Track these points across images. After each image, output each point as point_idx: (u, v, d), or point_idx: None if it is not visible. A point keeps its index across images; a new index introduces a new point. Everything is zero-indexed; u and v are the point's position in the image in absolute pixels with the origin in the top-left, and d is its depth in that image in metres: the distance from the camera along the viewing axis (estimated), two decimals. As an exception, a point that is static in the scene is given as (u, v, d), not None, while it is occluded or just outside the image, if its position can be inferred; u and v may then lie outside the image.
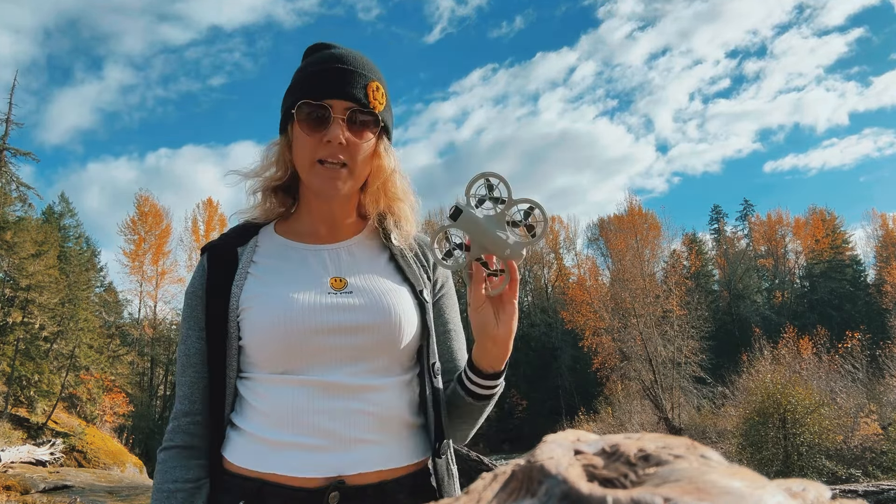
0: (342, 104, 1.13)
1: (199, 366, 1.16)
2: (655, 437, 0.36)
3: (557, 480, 0.31)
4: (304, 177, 1.18)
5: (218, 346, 1.14)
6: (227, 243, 1.23)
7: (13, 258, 21.69)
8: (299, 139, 1.15)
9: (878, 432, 15.84)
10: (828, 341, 23.97)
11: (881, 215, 46.29)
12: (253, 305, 1.12)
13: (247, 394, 1.13)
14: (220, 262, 1.20)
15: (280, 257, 1.21)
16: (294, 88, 1.18)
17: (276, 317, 1.09)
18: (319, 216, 1.24)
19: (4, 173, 23.49)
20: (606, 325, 31.43)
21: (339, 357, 1.10)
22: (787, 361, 19.25)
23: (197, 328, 1.17)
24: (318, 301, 1.12)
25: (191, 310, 1.19)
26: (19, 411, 20.49)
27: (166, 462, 1.15)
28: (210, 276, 1.18)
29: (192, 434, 1.16)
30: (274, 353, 1.10)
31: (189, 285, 1.22)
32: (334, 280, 1.16)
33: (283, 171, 1.22)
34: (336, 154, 1.13)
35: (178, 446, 1.16)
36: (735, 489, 0.28)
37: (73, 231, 31.38)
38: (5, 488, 12.14)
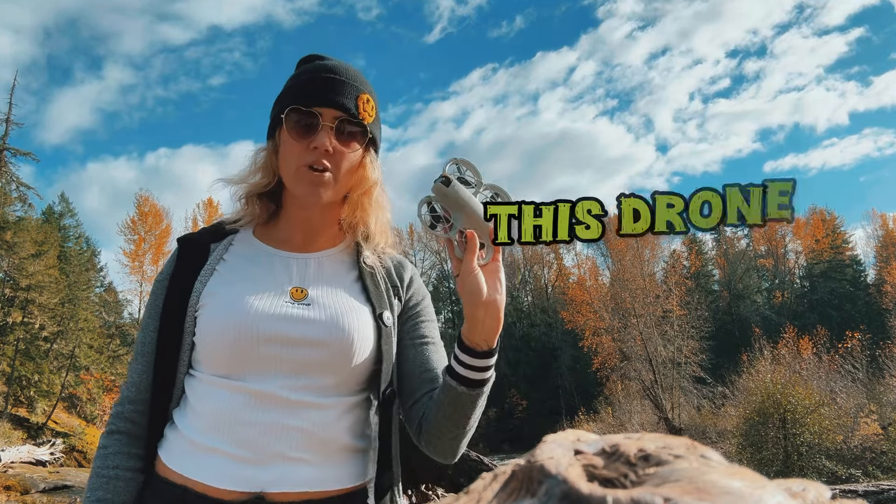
0: (331, 113, 1.14)
1: (151, 355, 1.15)
2: (655, 437, 0.36)
3: (557, 480, 0.31)
4: (288, 182, 1.17)
5: (171, 339, 1.13)
6: (202, 238, 1.22)
7: (13, 258, 21.69)
8: (286, 144, 1.15)
9: (878, 432, 15.85)
10: (828, 341, 23.97)
11: (881, 215, 46.32)
12: (208, 303, 1.12)
13: (189, 392, 1.12)
14: (190, 255, 1.19)
15: (248, 259, 1.20)
16: (284, 95, 1.19)
17: (227, 318, 1.08)
18: (297, 223, 1.23)
19: (4, 173, 23.49)
20: (606, 325, 31.44)
21: (281, 368, 1.07)
22: (787, 361, 19.25)
23: (156, 317, 1.16)
24: (273, 309, 1.10)
25: (154, 298, 1.18)
26: (19, 411, 20.49)
27: (108, 447, 1.14)
28: (177, 267, 1.18)
29: (134, 422, 1.15)
30: (219, 355, 1.08)
31: (158, 273, 1.22)
32: (295, 290, 1.15)
33: (269, 178, 1.21)
34: (321, 161, 1.13)
35: (121, 432, 1.15)
36: (735, 489, 0.28)
37: (73, 231, 31.39)
38: (5, 488, 12.14)
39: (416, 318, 1.27)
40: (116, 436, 1.14)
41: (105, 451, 1.13)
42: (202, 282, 1.14)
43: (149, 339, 1.16)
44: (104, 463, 1.12)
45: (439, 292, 47.74)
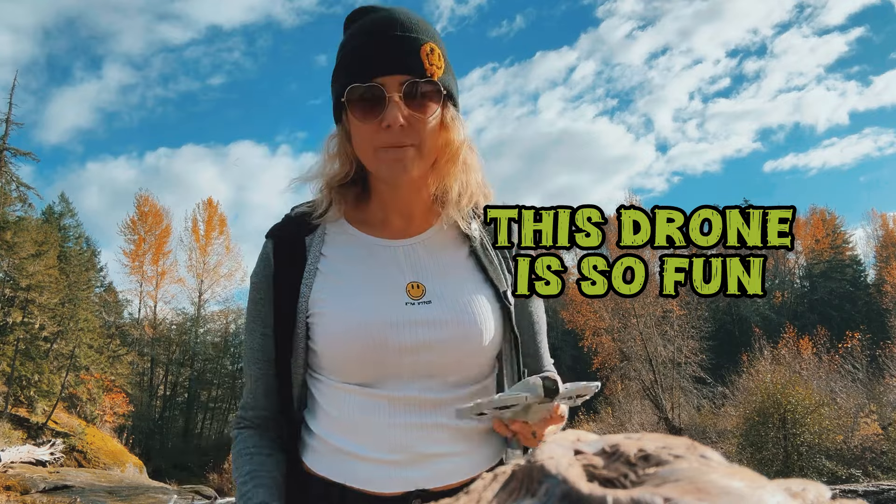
0: (396, 79, 1.01)
1: (262, 362, 1.11)
2: (655, 437, 0.36)
3: (557, 480, 0.31)
4: (370, 166, 1.07)
5: (284, 345, 1.09)
6: (294, 231, 1.13)
7: (13, 258, 21.70)
8: (356, 128, 1.04)
9: (878, 432, 15.85)
10: (828, 341, 23.94)
11: (881, 215, 46.32)
12: (325, 310, 1.05)
13: (321, 398, 1.09)
14: (286, 253, 1.10)
15: (351, 253, 1.11)
16: (339, 71, 1.06)
17: (351, 328, 1.03)
18: (392, 205, 1.13)
19: (4, 173, 23.49)
20: (606, 325, 31.44)
21: (416, 373, 1.05)
22: (787, 361, 19.25)
23: (261, 324, 1.11)
24: (397, 313, 1.04)
25: (254, 303, 1.12)
26: (19, 411, 20.49)
27: (239, 438, 1.13)
28: (277, 268, 1.10)
29: (259, 426, 1.15)
30: (348, 365, 1.05)
31: (253, 274, 1.14)
32: (412, 286, 1.07)
33: (348, 165, 1.10)
34: (398, 139, 1.01)
35: (249, 427, 1.15)
36: (735, 489, 0.28)
37: (73, 231, 31.39)
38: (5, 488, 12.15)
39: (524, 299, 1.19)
40: (247, 430, 1.14)
41: (239, 440, 1.13)
42: (307, 285, 1.07)
43: (258, 344, 1.12)
44: (242, 447, 1.11)
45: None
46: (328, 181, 1.11)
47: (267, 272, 1.11)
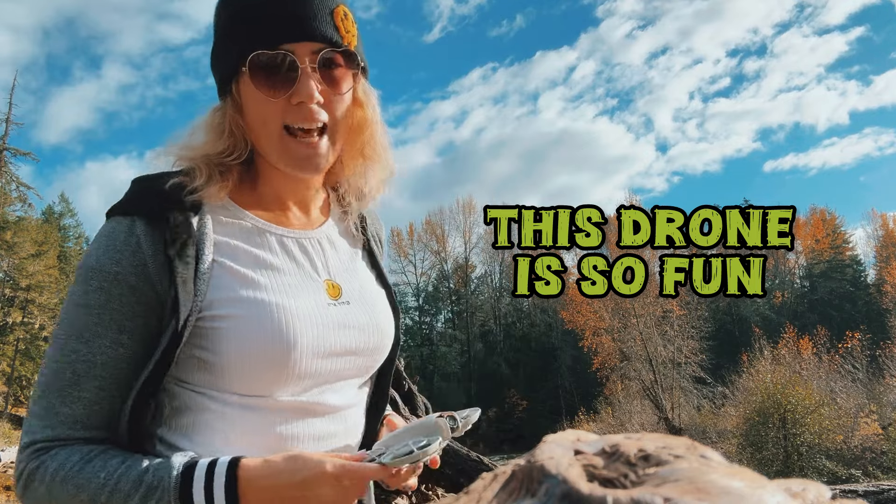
0: (308, 47, 0.86)
1: (106, 379, 0.82)
2: (655, 437, 0.36)
3: (557, 480, 0.31)
4: (268, 151, 0.90)
5: (143, 357, 0.84)
6: (175, 210, 0.86)
7: (13, 258, 21.71)
8: (255, 102, 0.87)
9: (878, 432, 15.85)
10: (828, 341, 23.95)
11: (881, 215, 46.32)
12: (237, 313, 0.85)
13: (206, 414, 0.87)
14: (168, 238, 0.84)
15: (255, 244, 0.91)
16: (235, 32, 0.88)
17: (274, 337, 0.85)
18: (289, 195, 0.98)
19: (4, 173, 23.50)
20: (606, 325, 31.44)
21: (327, 379, 0.92)
22: (787, 361, 19.26)
23: (114, 329, 0.82)
24: (322, 316, 0.90)
25: (106, 300, 0.82)
26: (19, 411, 20.49)
27: (62, 453, 0.79)
28: (154, 256, 0.83)
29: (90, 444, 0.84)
30: (259, 377, 0.86)
31: (106, 261, 0.83)
32: (329, 285, 0.95)
33: (233, 145, 0.91)
34: (312, 116, 0.87)
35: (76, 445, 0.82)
36: (735, 489, 0.28)
37: (73, 231, 31.40)
38: (5, 488, 12.14)
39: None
40: (72, 447, 0.81)
41: (61, 457, 0.79)
42: (204, 280, 0.84)
43: (104, 357, 0.82)
44: (78, 458, 0.79)
45: (439, 292, 47.74)
46: (207, 159, 0.90)
47: (136, 261, 0.82)
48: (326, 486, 0.78)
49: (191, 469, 0.77)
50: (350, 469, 0.78)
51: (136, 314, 0.83)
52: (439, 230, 46.99)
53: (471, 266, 47.44)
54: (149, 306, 0.84)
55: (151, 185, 0.88)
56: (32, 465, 0.79)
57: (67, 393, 0.81)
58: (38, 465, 0.79)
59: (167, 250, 0.84)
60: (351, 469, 0.78)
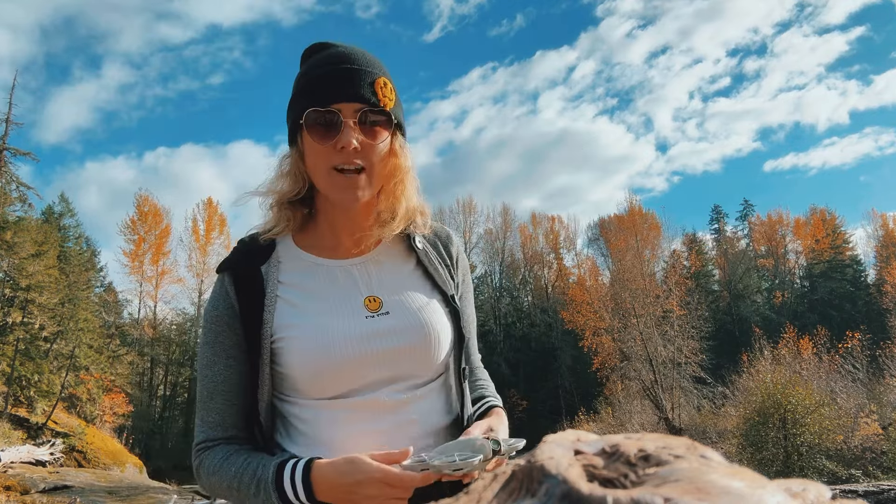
0: (351, 107, 1.10)
1: (228, 393, 1.15)
2: (655, 437, 0.36)
3: (557, 480, 0.31)
4: (321, 187, 1.14)
5: (251, 372, 1.13)
6: (248, 262, 1.17)
7: (13, 258, 21.70)
8: (311, 148, 1.12)
9: (878, 432, 15.84)
10: (828, 341, 23.94)
11: (881, 215, 46.31)
12: (289, 335, 1.11)
13: (292, 419, 1.14)
14: (245, 285, 1.15)
15: (308, 277, 1.17)
16: (298, 96, 1.14)
17: (315, 349, 1.09)
18: (342, 227, 1.21)
19: (4, 173, 23.49)
20: (606, 325, 31.43)
21: (382, 380, 1.12)
22: (788, 361, 19.25)
23: (224, 355, 1.15)
24: (357, 327, 1.12)
25: (215, 335, 1.15)
26: (19, 411, 20.47)
27: (211, 453, 1.13)
28: (239, 301, 1.14)
29: (231, 443, 1.16)
30: (316, 383, 1.10)
31: (211, 308, 1.17)
32: (369, 300, 1.15)
33: (299, 184, 1.17)
34: (351, 160, 1.10)
35: (220, 445, 1.15)
36: (735, 489, 0.28)
37: (72, 231, 31.40)
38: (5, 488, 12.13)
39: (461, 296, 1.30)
40: (217, 448, 1.14)
41: (210, 455, 1.13)
42: (270, 311, 1.12)
43: (221, 377, 1.14)
44: (221, 456, 1.11)
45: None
46: (279, 198, 1.18)
47: (227, 304, 1.15)
48: (374, 488, 0.98)
49: (282, 466, 1.04)
50: (394, 477, 0.98)
51: (235, 343, 1.15)
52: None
53: (471, 266, 47.41)
54: (242, 336, 1.14)
55: (238, 246, 1.21)
56: (196, 461, 1.15)
57: (207, 406, 1.15)
58: (200, 461, 1.14)
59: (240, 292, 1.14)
60: (395, 477, 0.98)
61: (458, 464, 0.97)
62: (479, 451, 1.01)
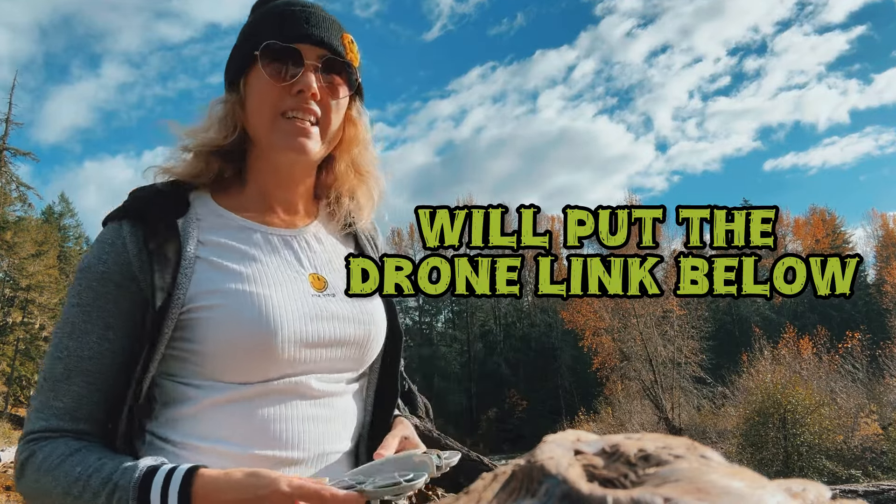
0: (315, 51, 0.96)
1: (93, 374, 0.88)
2: (656, 437, 0.36)
3: (557, 480, 0.31)
4: (264, 133, 0.97)
5: (131, 351, 0.90)
6: (159, 212, 0.94)
7: (13, 258, 21.70)
8: (261, 89, 0.96)
9: (878, 432, 15.86)
10: (828, 341, 23.95)
11: (881, 215, 46.33)
12: (211, 303, 0.90)
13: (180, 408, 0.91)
14: (152, 238, 0.91)
15: (238, 240, 0.97)
16: (255, 31, 0.99)
17: (256, 324, 0.89)
18: (274, 192, 1.03)
19: (4, 173, 23.50)
20: (606, 325, 31.43)
21: (317, 369, 0.96)
22: (788, 361, 19.26)
23: (101, 324, 0.89)
24: (304, 305, 0.95)
25: (94, 297, 0.89)
26: (19, 411, 20.48)
27: (49, 445, 0.86)
28: (141, 257, 0.89)
29: (80, 438, 0.89)
30: (242, 364, 0.90)
31: (95, 262, 0.91)
32: (314, 278, 1.00)
33: (230, 132, 0.99)
34: (307, 106, 0.95)
35: (63, 438, 0.88)
36: (735, 489, 0.28)
37: (72, 231, 31.40)
38: (5, 488, 12.14)
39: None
40: (58, 440, 0.87)
41: (48, 448, 0.86)
42: (185, 275, 0.90)
43: (91, 351, 0.88)
44: (62, 451, 0.85)
45: (439, 292, 47.67)
46: (200, 144, 0.98)
47: (122, 260, 0.90)
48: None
49: (152, 473, 0.81)
50: (307, 490, 0.78)
51: (122, 310, 0.90)
52: (439, 230, 46.89)
53: (471, 266, 47.37)
54: (134, 303, 0.90)
55: (140, 193, 0.98)
56: (26, 453, 0.87)
57: (59, 387, 0.88)
58: (29, 454, 0.86)
59: (148, 246, 0.90)
60: (308, 490, 0.78)
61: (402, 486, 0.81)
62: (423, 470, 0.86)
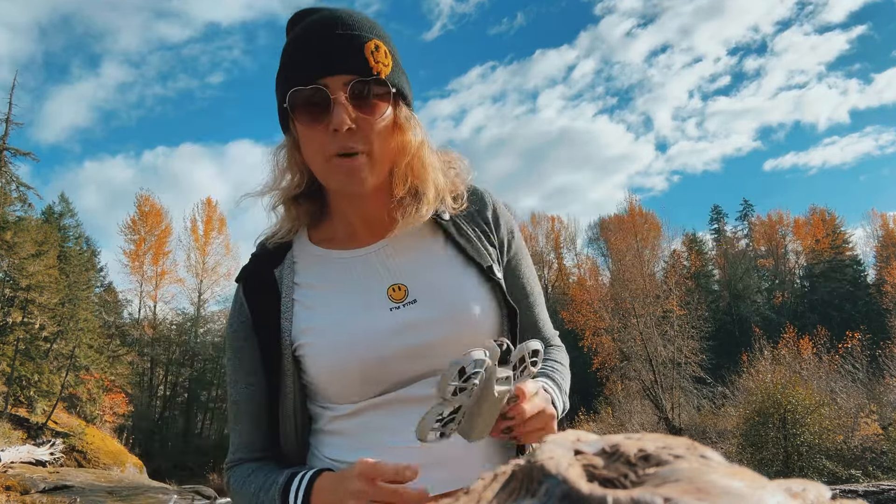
0: (340, 80, 0.94)
1: (251, 414, 1.06)
2: (656, 437, 0.36)
3: (557, 480, 0.31)
4: (321, 177, 1.00)
5: (272, 388, 1.04)
6: (261, 268, 1.07)
7: (13, 258, 21.70)
8: (305, 135, 0.98)
9: (878, 432, 15.85)
10: (828, 341, 23.93)
11: (881, 215, 46.32)
12: (309, 341, 1.00)
13: (323, 424, 1.05)
14: (258, 293, 1.05)
15: (324, 274, 1.05)
16: (282, 75, 1.01)
17: (338, 352, 0.98)
18: (354, 216, 1.07)
19: (4, 173, 23.48)
20: (606, 325, 31.43)
21: (418, 373, 0.99)
22: (788, 361, 19.26)
23: (244, 373, 1.06)
24: (380, 322, 0.99)
25: (234, 352, 1.07)
26: (19, 411, 20.48)
27: (239, 470, 1.07)
28: (252, 311, 1.05)
29: (259, 461, 1.09)
30: (340, 388, 1.00)
31: (229, 324, 1.08)
32: (392, 289, 1.02)
33: (300, 176, 1.04)
34: (347, 143, 0.95)
35: (248, 462, 1.08)
36: (735, 489, 0.28)
37: (72, 231, 31.39)
38: (5, 488, 12.14)
39: (514, 263, 1.14)
40: (244, 465, 1.07)
41: (238, 473, 1.06)
42: (287, 318, 1.02)
43: (243, 396, 1.06)
44: (245, 474, 1.05)
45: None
46: (284, 194, 1.06)
47: (243, 318, 1.06)
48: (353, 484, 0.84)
49: (292, 477, 0.96)
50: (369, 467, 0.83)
51: (255, 359, 1.05)
52: (439, 230, 46.92)
53: (471, 266, 47.40)
54: (261, 350, 1.04)
55: (255, 251, 1.12)
56: (226, 478, 1.10)
57: (234, 427, 1.09)
58: (228, 478, 1.09)
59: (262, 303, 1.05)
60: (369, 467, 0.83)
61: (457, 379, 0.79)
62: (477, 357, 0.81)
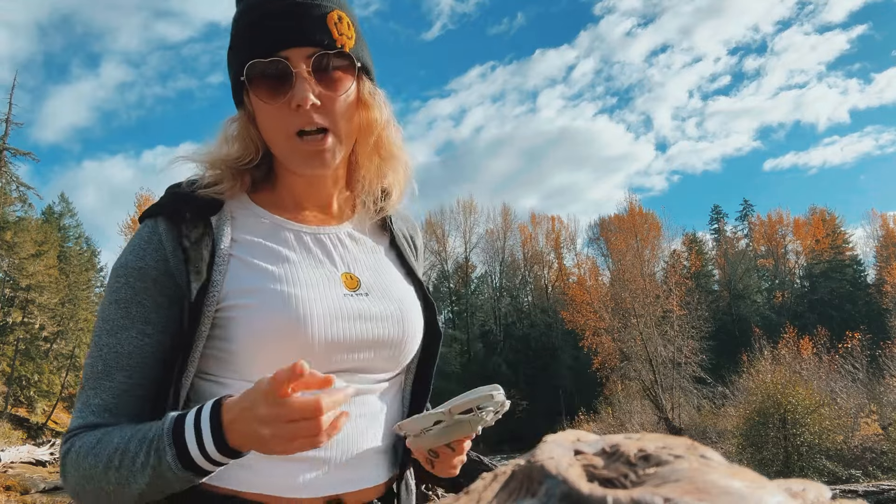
0: (301, 52, 0.89)
1: (133, 369, 0.88)
2: (655, 437, 0.36)
3: (557, 480, 0.31)
4: (282, 156, 0.95)
5: (171, 348, 0.89)
6: (194, 210, 0.92)
7: (13, 258, 21.71)
8: (263, 111, 0.91)
9: (878, 432, 15.86)
10: (828, 341, 23.93)
11: (881, 215, 46.31)
12: (247, 303, 0.88)
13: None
14: (187, 235, 0.90)
15: (270, 236, 0.95)
16: (236, 45, 0.94)
17: (287, 323, 0.88)
18: (306, 196, 1.01)
19: (4, 173, 23.49)
20: (606, 325, 31.43)
21: (349, 367, 0.94)
22: (788, 361, 19.24)
23: (140, 320, 0.88)
24: (336, 306, 0.92)
25: (133, 293, 0.89)
26: (19, 411, 20.49)
27: (87, 435, 0.85)
28: (176, 254, 0.89)
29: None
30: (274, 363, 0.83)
31: (133, 259, 0.90)
32: (346, 277, 0.96)
33: (250, 151, 0.96)
34: (312, 120, 0.89)
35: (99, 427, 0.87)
36: (735, 489, 0.28)
37: (72, 231, 31.40)
38: (5, 488, 12.14)
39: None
40: (96, 430, 0.86)
41: (86, 438, 0.84)
42: (220, 272, 0.89)
43: (130, 347, 0.88)
44: (97, 437, 0.84)
45: (440, 292, 47.75)
46: (226, 163, 0.96)
47: (159, 256, 0.89)
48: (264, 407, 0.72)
49: (182, 416, 0.80)
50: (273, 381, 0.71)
51: (160, 306, 0.90)
52: (439, 230, 46.95)
53: (471, 266, 47.45)
54: (171, 298, 0.90)
55: (175, 189, 0.96)
56: (64, 449, 0.86)
57: (99, 384, 0.88)
58: (68, 448, 0.85)
59: (183, 243, 0.90)
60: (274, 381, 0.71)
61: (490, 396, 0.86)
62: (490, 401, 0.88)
